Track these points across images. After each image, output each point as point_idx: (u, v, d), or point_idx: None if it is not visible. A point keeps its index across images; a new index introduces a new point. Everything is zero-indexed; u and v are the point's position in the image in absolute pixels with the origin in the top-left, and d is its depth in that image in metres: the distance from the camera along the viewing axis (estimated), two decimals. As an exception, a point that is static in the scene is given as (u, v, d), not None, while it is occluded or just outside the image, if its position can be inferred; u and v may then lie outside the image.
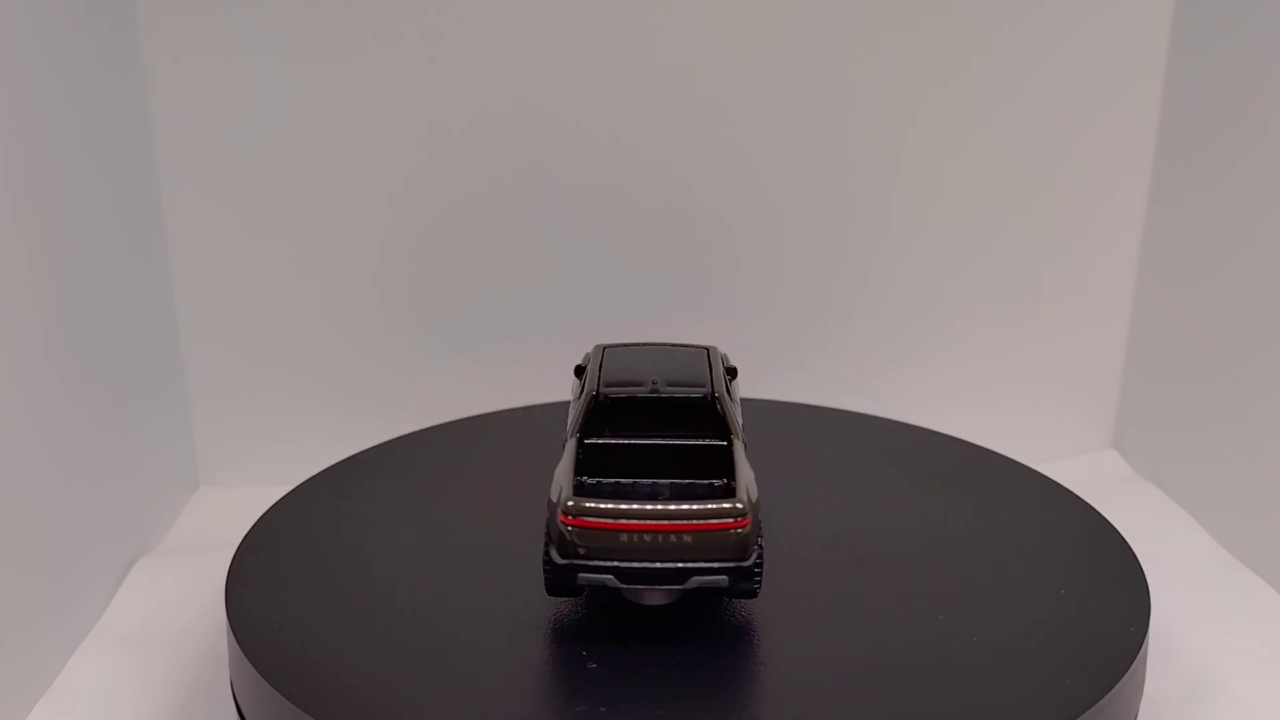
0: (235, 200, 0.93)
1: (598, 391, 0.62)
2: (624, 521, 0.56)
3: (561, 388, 0.73)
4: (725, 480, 0.60)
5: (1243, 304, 0.87)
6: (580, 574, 0.57)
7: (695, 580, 0.57)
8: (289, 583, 0.66)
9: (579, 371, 0.69)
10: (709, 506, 0.56)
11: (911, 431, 0.86)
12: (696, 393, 0.62)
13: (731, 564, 0.57)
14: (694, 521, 0.56)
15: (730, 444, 0.62)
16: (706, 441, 0.62)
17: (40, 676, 0.71)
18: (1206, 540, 0.89)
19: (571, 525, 0.56)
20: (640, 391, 0.62)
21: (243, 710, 0.61)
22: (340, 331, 0.97)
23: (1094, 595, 0.65)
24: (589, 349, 0.70)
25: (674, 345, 0.69)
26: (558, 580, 0.58)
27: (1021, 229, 0.99)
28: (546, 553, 0.58)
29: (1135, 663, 0.58)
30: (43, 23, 0.74)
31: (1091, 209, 0.99)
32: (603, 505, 0.56)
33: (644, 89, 0.93)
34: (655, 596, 0.60)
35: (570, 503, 0.56)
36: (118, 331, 0.85)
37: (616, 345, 0.68)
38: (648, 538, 0.56)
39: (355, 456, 0.82)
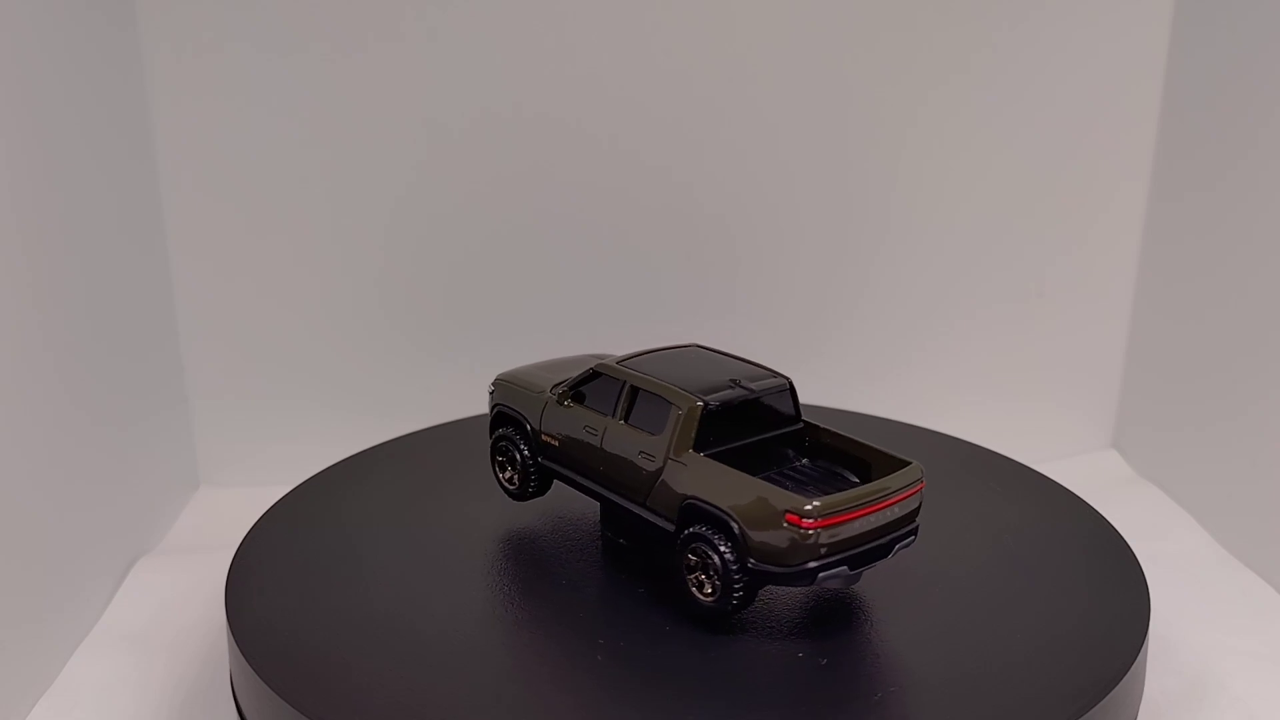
0: (235, 200, 0.93)
1: (705, 401, 0.61)
2: (860, 509, 0.57)
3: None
4: (807, 459, 0.65)
5: (1243, 304, 0.87)
6: (820, 574, 0.56)
7: (897, 547, 0.60)
8: (289, 583, 0.65)
9: (563, 398, 0.66)
10: (907, 473, 0.59)
11: (911, 431, 0.86)
12: (780, 381, 0.64)
13: (915, 524, 0.61)
14: (903, 491, 0.59)
15: (808, 424, 0.65)
16: (789, 429, 0.65)
17: (40, 676, 0.71)
18: (1206, 540, 0.89)
19: (816, 527, 0.56)
20: (738, 394, 0.62)
21: (243, 710, 0.61)
22: (340, 331, 0.97)
23: (1094, 595, 0.65)
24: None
25: (665, 349, 0.69)
26: (790, 581, 0.57)
27: (1021, 229, 0.99)
28: (735, 570, 0.57)
29: (1135, 663, 0.58)
30: (42, 19, 0.74)
31: (1091, 209, 0.99)
32: (843, 498, 0.57)
33: (644, 89, 0.93)
34: (852, 577, 0.59)
35: (809, 506, 0.55)
36: (118, 331, 0.85)
37: (625, 359, 0.66)
38: (874, 519, 0.58)
39: (355, 456, 0.82)
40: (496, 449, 0.71)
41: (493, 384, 0.73)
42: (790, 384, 0.64)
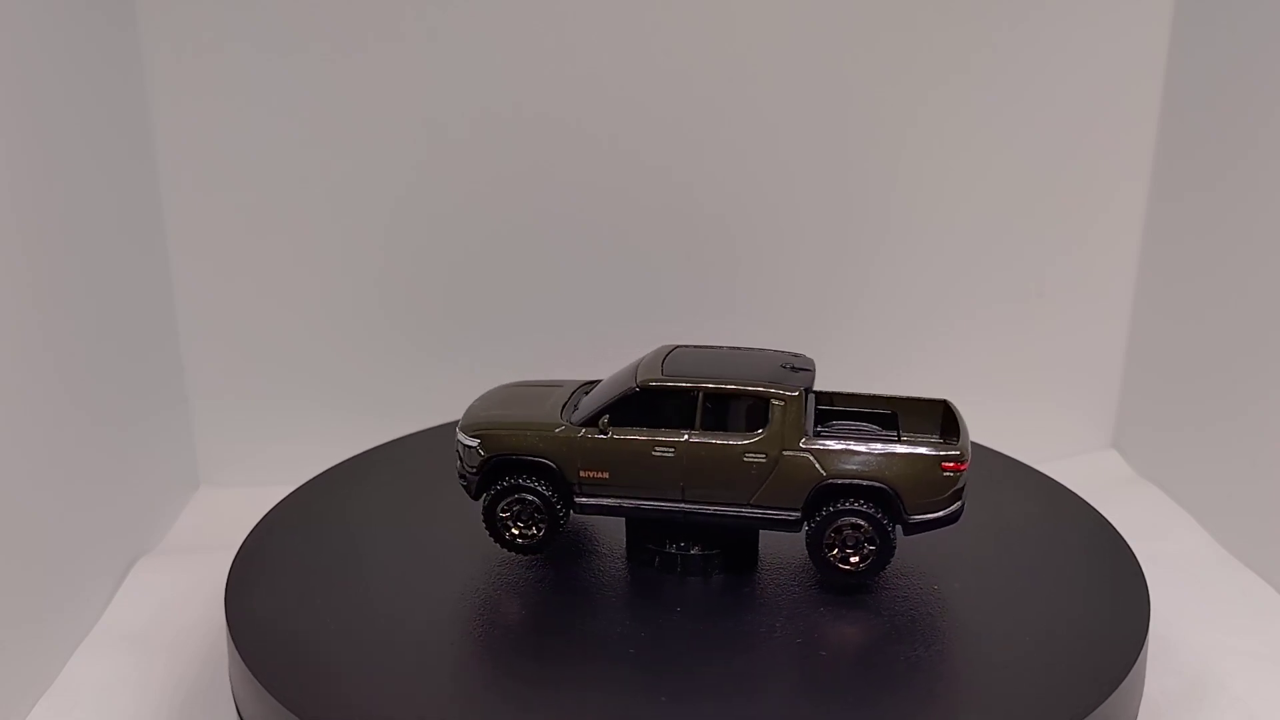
0: (235, 200, 0.93)
1: (802, 388, 0.63)
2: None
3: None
4: (820, 425, 0.68)
5: (1243, 304, 0.87)
6: (962, 509, 0.63)
7: None
8: (289, 584, 0.66)
9: (604, 427, 0.63)
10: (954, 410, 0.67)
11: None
12: (809, 359, 0.68)
13: None
14: None
15: (820, 392, 0.69)
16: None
17: (40, 676, 0.71)
18: (1206, 540, 0.89)
19: (966, 468, 0.62)
20: (804, 377, 0.65)
21: (242, 712, 0.61)
22: (340, 331, 0.97)
23: (1094, 595, 0.65)
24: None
25: (656, 354, 0.68)
26: (944, 523, 0.63)
27: (1021, 229, 0.99)
28: (892, 532, 0.62)
29: (1135, 663, 0.58)
30: (42, 20, 0.74)
31: (1091, 209, 0.99)
32: (965, 438, 0.63)
33: (644, 89, 0.93)
34: None
35: (957, 451, 0.62)
36: (118, 331, 0.85)
37: (678, 359, 0.66)
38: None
39: (355, 457, 0.82)
40: (500, 505, 0.66)
41: (472, 436, 0.67)
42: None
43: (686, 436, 0.63)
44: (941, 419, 0.68)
